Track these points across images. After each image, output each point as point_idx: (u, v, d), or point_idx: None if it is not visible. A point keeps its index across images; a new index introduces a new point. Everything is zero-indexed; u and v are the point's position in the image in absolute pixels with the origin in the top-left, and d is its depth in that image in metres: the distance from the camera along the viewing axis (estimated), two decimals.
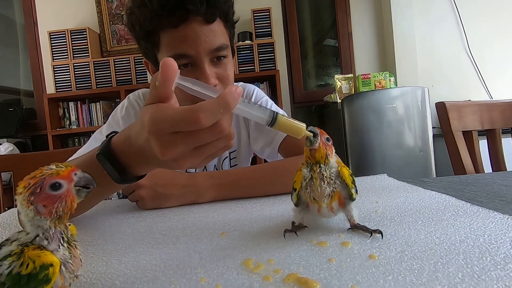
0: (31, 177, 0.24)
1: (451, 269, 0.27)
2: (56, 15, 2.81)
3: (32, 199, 0.23)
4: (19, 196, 0.23)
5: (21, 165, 1.14)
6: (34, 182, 0.23)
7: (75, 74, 2.59)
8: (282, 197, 0.60)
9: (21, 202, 0.23)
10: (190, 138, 0.32)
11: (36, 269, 0.22)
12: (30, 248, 0.23)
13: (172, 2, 0.59)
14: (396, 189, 0.60)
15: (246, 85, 0.90)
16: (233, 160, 0.89)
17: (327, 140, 0.37)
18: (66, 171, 0.25)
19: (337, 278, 0.27)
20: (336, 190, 0.36)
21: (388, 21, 2.69)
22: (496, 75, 2.75)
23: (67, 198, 0.25)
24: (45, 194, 0.24)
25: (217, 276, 0.29)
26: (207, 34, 0.63)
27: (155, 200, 0.58)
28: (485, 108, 1.10)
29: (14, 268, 0.22)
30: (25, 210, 0.23)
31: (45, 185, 0.24)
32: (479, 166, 1.06)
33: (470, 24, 2.74)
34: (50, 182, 0.24)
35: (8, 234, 0.49)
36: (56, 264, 0.23)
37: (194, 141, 0.32)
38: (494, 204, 0.46)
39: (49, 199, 0.24)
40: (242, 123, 0.88)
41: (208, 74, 0.64)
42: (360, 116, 2.14)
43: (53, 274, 0.22)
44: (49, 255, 0.23)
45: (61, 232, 0.25)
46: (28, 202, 0.23)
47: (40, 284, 0.22)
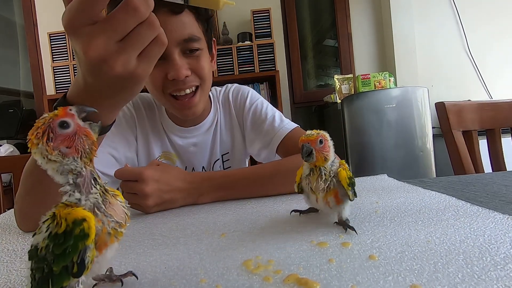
0: (35, 129, 0.23)
1: (451, 269, 0.27)
2: (56, 16, 2.80)
3: (53, 144, 0.23)
4: (37, 149, 0.23)
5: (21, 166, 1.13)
6: (42, 130, 0.23)
7: (75, 75, 2.59)
8: (282, 198, 0.60)
9: (42, 153, 0.23)
10: (107, 24, 0.31)
11: (69, 226, 0.22)
12: (61, 208, 0.23)
13: None
14: (396, 189, 0.60)
15: (241, 87, 0.90)
16: (226, 162, 0.87)
17: (320, 142, 0.38)
18: (61, 110, 0.24)
19: (337, 278, 0.27)
20: (332, 187, 0.38)
21: (388, 21, 2.69)
22: (496, 75, 2.75)
23: (82, 132, 0.24)
24: (60, 135, 0.23)
25: (217, 277, 0.29)
26: (174, 24, 0.62)
27: (160, 206, 0.58)
28: (485, 108, 1.11)
29: (52, 229, 0.22)
30: (51, 158, 0.23)
31: (55, 128, 0.23)
32: (479, 166, 1.06)
33: (470, 24, 2.74)
34: (57, 122, 0.23)
35: (8, 234, 0.49)
36: (89, 218, 0.22)
37: (112, 28, 0.31)
38: (494, 204, 0.46)
39: (67, 138, 0.23)
40: (236, 126, 0.87)
41: (179, 64, 0.63)
42: (360, 116, 2.14)
43: (89, 229, 0.22)
44: (80, 210, 0.22)
45: (91, 172, 0.25)
46: (50, 149, 0.23)
47: (80, 239, 0.21)
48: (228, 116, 0.87)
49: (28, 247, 0.42)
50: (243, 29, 2.69)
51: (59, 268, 0.21)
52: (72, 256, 0.21)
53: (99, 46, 0.31)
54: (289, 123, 0.81)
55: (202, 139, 0.84)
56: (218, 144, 0.86)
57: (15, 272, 0.34)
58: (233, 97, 0.88)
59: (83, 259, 0.22)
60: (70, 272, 0.21)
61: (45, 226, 0.22)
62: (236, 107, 0.87)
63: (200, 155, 0.85)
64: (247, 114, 0.84)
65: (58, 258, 0.21)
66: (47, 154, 0.23)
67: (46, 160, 0.23)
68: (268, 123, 0.81)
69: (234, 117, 0.87)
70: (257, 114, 0.83)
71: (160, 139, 0.83)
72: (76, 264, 0.21)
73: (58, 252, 0.21)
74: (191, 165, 0.86)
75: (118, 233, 0.25)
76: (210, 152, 0.86)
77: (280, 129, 0.79)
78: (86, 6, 0.31)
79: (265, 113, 0.83)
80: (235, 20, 2.76)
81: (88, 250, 0.22)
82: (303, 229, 0.40)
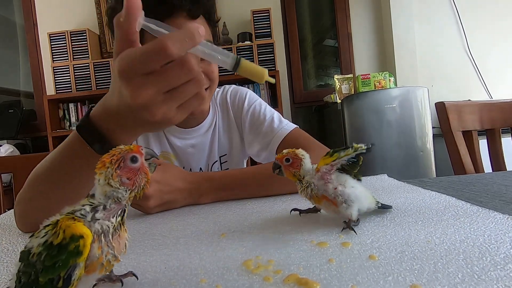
0: (111, 155, 0.26)
1: (451, 269, 0.27)
2: (56, 17, 2.81)
3: (119, 172, 0.25)
4: (104, 170, 0.25)
5: (21, 167, 1.14)
6: (117, 158, 0.25)
7: (75, 75, 2.59)
8: (282, 198, 0.60)
9: (107, 176, 0.25)
10: (160, 77, 0.33)
11: (66, 239, 0.22)
12: (65, 218, 0.23)
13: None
14: (396, 189, 0.60)
15: (239, 88, 0.89)
16: (224, 164, 0.88)
17: (287, 161, 0.42)
18: (135, 147, 0.27)
19: (337, 278, 0.27)
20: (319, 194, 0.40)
21: (388, 21, 2.69)
22: (496, 75, 2.75)
23: (143, 170, 0.27)
24: (128, 167, 0.26)
25: (217, 277, 0.29)
26: None
27: (161, 207, 0.58)
28: (485, 108, 1.11)
29: (49, 237, 0.22)
30: (111, 183, 0.25)
31: (127, 159, 0.26)
32: (479, 166, 1.06)
33: (470, 24, 2.74)
34: (130, 156, 0.26)
35: (8, 235, 0.49)
36: (87, 237, 0.22)
37: (164, 80, 0.33)
38: (494, 204, 0.46)
39: (131, 171, 0.26)
40: (234, 128, 0.87)
41: None
42: (360, 116, 2.14)
43: (84, 247, 0.22)
44: (80, 226, 0.22)
45: (126, 205, 0.26)
46: (116, 175, 0.25)
47: (71, 256, 0.21)
48: (226, 118, 0.87)
49: None
50: (243, 29, 2.69)
51: (45, 279, 0.21)
52: (61, 270, 0.21)
53: (148, 96, 0.33)
54: (288, 123, 0.81)
55: (200, 140, 0.85)
56: (216, 146, 0.86)
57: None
58: (231, 98, 0.88)
59: (70, 275, 0.22)
60: (55, 285, 0.21)
61: (44, 231, 0.23)
62: (234, 108, 0.87)
63: (198, 156, 0.85)
64: (245, 116, 0.84)
65: (47, 269, 0.21)
66: (110, 178, 0.25)
67: (105, 183, 0.25)
68: (267, 124, 0.81)
69: (232, 119, 0.87)
70: (256, 116, 0.83)
71: (159, 140, 0.84)
72: (62, 279, 0.21)
73: (48, 264, 0.21)
74: (189, 166, 0.86)
75: (110, 265, 0.25)
76: (208, 154, 0.86)
77: (279, 130, 0.79)
78: (147, 60, 0.32)
79: (264, 114, 0.83)
80: (235, 20, 2.76)
81: (77, 268, 0.22)
82: (303, 229, 0.40)
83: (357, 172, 0.42)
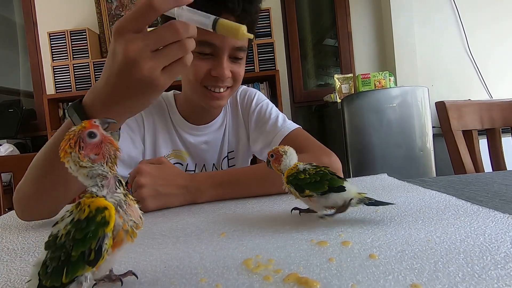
0: (66, 140, 0.26)
1: (452, 268, 0.27)
2: (56, 16, 2.81)
3: (84, 152, 0.26)
4: (70, 157, 0.26)
5: (21, 166, 1.14)
6: (74, 140, 0.26)
7: (75, 74, 2.59)
8: (282, 197, 0.60)
9: (75, 161, 0.26)
10: (148, 35, 0.38)
11: (92, 212, 0.24)
12: (86, 197, 0.25)
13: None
14: (396, 188, 0.60)
15: (248, 89, 0.93)
16: (231, 160, 0.90)
17: (271, 156, 0.46)
18: (87, 123, 0.27)
19: (337, 277, 0.27)
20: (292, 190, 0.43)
21: (388, 20, 2.69)
22: (496, 74, 2.75)
23: (107, 140, 0.27)
24: (89, 144, 0.26)
25: (217, 276, 0.29)
26: None
27: (156, 199, 0.58)
28: (485, 108, 1.11)
29: (75, 215, 0.24)
30: (82, 165, 0.26)
31: (84, 138, 0.26)
32: (479, 165, 1.06)
33: (470, 23, 2.74)
34: (86, 133, 0.26)
35: (8, 234, 0.49)
36: (110, 208, 0.24)
37: (151, 38, 0.38)
38: (494, 203, 0.46)
39: (95, 147, 0.26)
40: (241, 126, 0.90)
41: (225, 66, 0.70)
42: (360, 116, 2.14)
43: (110, 217, 0.24)
44: (102, 200, 0.25)
45: (116, 176, 0.27)
46: (82, 156, 0.26)
47: (100, 226, 0.23)
48: (235, 116, 0.91)
49: (28, 246, 0.42)
50: None
51: (77, 253, 0.23)
52: (91, 241, 0.23)
53: (137, 49, 0.38)
54: (291, 123, 0.84)
55: (213, 137, 0.88)
56: (227, 143, 0.90)
57: (15, 271, 0.34)
58: (241, 98, 0.92)
59: (101, 246, 0.23)
60: (87, 259, 0.23)
61: (68, 213, 0.25)
62: (243, 107, 0.91)
63: (211, 152, 0.88)
64: (252, 114, 0.88)
65: (78, 243, 0.23)
66: (79, 161, 0.26)
67: (77, 167, 0.26)
68: (271, 123, 0.84)
69: (240, 117, 0.91)
70: (262, 114, 0.87)
71: (170, 136, 0.85)
72: (94, 251, 0.23)
73: (79, 236, 0.23)
74: (202, 162, 0.88)
75: (134, 233, 0.26)
76: (220, 150, 0.89)
77: (281, 129, 0.82)
78: (137, 17, 0.38)
79: (269, 113, 0.86)
80: None
81: (106, 238, 0.24)
82: (303, 228, 0.40)
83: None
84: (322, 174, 0.41)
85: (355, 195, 0.40)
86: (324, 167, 0.43)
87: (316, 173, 0.41)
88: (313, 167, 0.43)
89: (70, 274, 0.22)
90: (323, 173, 0.41)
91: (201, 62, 0.70)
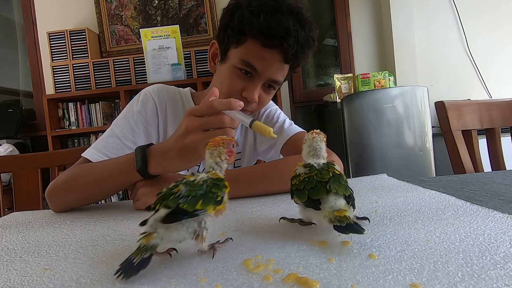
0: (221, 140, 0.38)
1: (451, 268, 0.27)
2: (55, 16, 2.80)
3: (225, 150, 0.38)
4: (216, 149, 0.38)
5: (20, 166, 1.14)
6: (226, 143, 0.38)
7: (75, 74, 2.59)
8: (282, 197, 0.60)
9: (220, 153, 0.38)
10: (204, 119, 0.53)
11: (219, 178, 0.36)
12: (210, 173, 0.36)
13: (277, 32, 0.67)
14: (396, 188, 0.60)
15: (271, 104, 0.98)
16: (237, 161, 0.94)
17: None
18: (232, 139, 0.40)
19: (337, 277, 0.27)
20: None
21: (388, 20, 2.69)
22: (496, 74, 2.75)
23: (234, 153, 0.40)
24: (231, 150, 0.39)
25: (217, 276, 0.29)
26: (277, 67, 0.73)
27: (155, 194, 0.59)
28: (485, 107, 1.11)
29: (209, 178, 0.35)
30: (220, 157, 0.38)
31: (230, 144, 0.39)
32: (478, 165, 1.06)
33: (469, 23, 2.74)
34: (232, 143, 0.39)
35: (8, 233, 0.49)
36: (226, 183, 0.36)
37: (205, 121, 0.53)
38: (493, 203, 0.46)
39: (231, 153, 0.39)
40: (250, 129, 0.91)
41: (255, 91, 0.74)
42: (360, 115, 2.14)
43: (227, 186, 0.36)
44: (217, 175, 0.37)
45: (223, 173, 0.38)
46: (224, 154, 0.38)
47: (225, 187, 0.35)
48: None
49: (28, 246, 0.42)
50: None
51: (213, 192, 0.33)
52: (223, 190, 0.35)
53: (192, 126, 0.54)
54: (296, 127, 0.89)
55: None
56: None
57: (14, 271, 0.34)
58: None
59: (223, 196, 0.35)
60: (215, 199, 0.33)
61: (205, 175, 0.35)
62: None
63: None
64: (261, 117, 0.93)
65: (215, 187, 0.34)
66: (220, 154, 0.38)
67: (214, 156, 0.38)
68: (278, 125, 0.89)
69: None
70: (270, 117, 0.92)
71: None
72: (221, 196, 0.34)
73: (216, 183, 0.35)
74: None
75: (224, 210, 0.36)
76: None
77: (287, 131, 0.86)
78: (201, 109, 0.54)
79: (277, 117, 0.91)
80: None
81: (225, 196, 0.35)
82: (302, 228, 0.40)
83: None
84: (306, 182, 0.37)
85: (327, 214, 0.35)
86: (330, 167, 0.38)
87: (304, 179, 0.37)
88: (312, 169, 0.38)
89: (204, 204, 0.32)
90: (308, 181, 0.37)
91: (238, 81, 0.74)
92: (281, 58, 0.71)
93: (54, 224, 0.54)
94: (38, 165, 1.15)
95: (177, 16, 2.82)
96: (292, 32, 0.67)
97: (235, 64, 0.72)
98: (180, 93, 0.89)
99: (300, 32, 0.68)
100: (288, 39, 0.67)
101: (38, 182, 1.14)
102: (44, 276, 0.32)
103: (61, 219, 0.58)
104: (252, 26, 0.68)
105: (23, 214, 0.65)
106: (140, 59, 2.58)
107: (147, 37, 2.54)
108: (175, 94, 0.88)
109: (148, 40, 2.53)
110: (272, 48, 0.69)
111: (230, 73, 0.74)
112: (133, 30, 2.83)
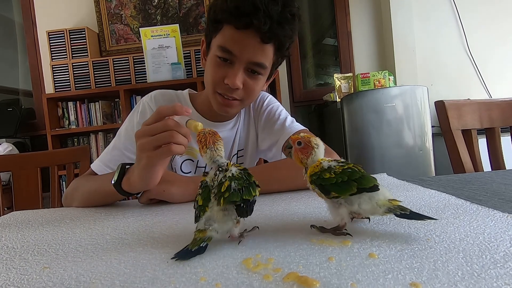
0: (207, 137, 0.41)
1: (451, 267, 0.27)
2: (55, 15, 2.80)
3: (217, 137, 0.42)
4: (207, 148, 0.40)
5: (20, 165, 1.14)
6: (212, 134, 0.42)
7: (74, 74, 2.59)
8: (282, 196, 0.60)
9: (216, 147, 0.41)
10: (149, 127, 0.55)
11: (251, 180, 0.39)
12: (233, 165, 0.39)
13: (245, 10, 0.65)
14: (396, 188, 0.60)
15: (262, 92, 0.97)
16: (240, 158, 0.94)
17: (298, 144, 0.40)
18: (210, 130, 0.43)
19: (337, 276, 0.27)
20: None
21: (388, 20, 2.69)
22: (495, 74, 2.75)
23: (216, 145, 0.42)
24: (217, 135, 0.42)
25: (217, 275, 0.29)
26: (255, 48, 0.69)
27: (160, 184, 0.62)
28: (484, 107, 1.11)
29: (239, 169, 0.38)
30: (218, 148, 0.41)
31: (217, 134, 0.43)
32: (478, 164, 1.06)
33: (469, 23, 2.74)
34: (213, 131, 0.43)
35: (8, 232, 0.49)
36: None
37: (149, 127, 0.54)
38: (493, 202, 0.46)
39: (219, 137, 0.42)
40: (252, 126, 0.94)
41: (237, 75, 0.71)
42: (360, 115, 2.14)
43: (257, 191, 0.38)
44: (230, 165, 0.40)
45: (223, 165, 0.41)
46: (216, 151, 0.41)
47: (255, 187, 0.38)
48: (247, 116, 0.95)
49: (27, 245, 0.42)
50: None
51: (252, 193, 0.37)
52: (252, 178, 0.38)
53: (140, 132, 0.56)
54: (298, 125, 0.88)
55: (227, 134, 0.91)
56: (238, 141, 0.93)
57: (14, 270, 0.34)
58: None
59: (255, 200, 0.38)
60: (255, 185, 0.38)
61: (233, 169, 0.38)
62: (254, 108, 0.95)
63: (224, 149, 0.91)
64: (262, 114, 0.92)
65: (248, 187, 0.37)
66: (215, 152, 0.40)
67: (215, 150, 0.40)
68: (279, 123, 0.88)
69: (252, 117, 0.94)
70: (271, 115, 0.91)
71: None
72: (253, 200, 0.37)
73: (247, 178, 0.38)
74: None
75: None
76: (231, 148, 0.93)
77: (288, 129, 0.86)
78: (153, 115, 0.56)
79: (279, 115, 0.90)
80: None
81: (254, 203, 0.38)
82: (302, 227, 0.40)
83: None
84: (350, 172, 0.36)
85: (384, 203, 0.35)
86: (353, 164, 0.37)
87: (343, 171, 0.36)
88: (340, 164, 0.37)
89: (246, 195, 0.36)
90: (352, 172, 0.36)
91: (219, 69, 0.73)
92: (258, 37, 0.68)
93: (54, 223, 0.54)
94: (37, 164, 1.15)
95: (177, 15, 2.82)
96: (261, 6, 0.64)
97: (214, 52, 0.72)
98: (177, 96, 0.90)
99: (271, 6, 0.65)
100: (258, 15, 0.64)
101: (38, 181, 1.14)
102: (44, 275, 0.32)
103: (60, 218, 0.58)
104: (222, 11, 0.68)
105: (23, 213, 0.65)
106: (140, 58, 2.57)
107: (147, 36, 2.53)
108: (172, 98, 0.89)
109: (147, 39, 2.53)
110: (245, 29, 0.67)
111: (212, 63, 0.74)
112: (132, 29, 2.83)
